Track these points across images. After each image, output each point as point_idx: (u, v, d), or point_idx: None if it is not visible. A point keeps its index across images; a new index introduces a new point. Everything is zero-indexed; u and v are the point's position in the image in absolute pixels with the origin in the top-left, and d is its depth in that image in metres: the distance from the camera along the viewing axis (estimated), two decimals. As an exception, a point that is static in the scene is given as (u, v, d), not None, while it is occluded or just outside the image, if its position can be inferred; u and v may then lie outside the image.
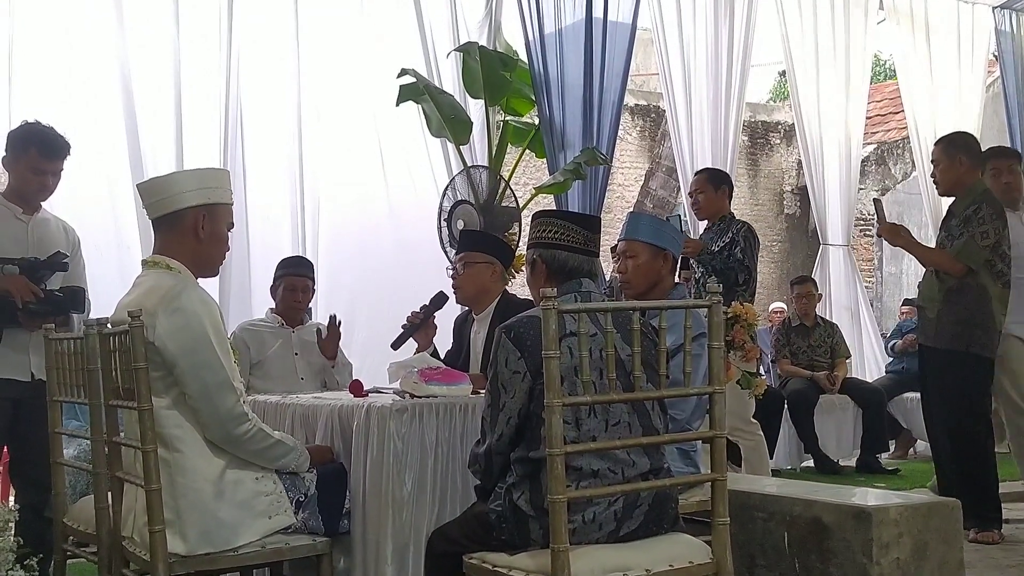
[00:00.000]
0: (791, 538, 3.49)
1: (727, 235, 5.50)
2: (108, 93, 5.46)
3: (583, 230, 2.90)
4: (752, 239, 5.49)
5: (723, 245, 5.46)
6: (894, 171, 13.46)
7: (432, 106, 5.87)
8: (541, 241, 2.90)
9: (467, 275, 4.26)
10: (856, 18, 8.10)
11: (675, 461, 3.26)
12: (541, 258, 2.89)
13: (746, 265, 5.40)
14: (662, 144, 10.43)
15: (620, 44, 6.59)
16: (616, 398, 2.51)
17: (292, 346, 4.89)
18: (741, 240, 5.44)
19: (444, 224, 5.76)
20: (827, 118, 8.02)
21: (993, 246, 4.76)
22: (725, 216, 5.61)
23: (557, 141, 6.40)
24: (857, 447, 7.55)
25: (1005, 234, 4.79)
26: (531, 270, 2.94)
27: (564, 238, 2.87)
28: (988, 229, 4.75)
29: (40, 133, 4.01)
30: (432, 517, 3.12)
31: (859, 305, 8.39)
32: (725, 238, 5.49)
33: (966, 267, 4.79)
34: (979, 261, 4.77)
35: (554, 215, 3.00)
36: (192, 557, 2.78)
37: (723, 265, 5.35)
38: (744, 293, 5.40)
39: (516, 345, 2.64)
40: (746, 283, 5.41)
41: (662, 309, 2.54)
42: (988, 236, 4.74)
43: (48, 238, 4.04)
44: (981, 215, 4.77)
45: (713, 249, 5.45)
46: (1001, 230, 4.77)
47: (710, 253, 5.41)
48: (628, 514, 2.61)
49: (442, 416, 3.18)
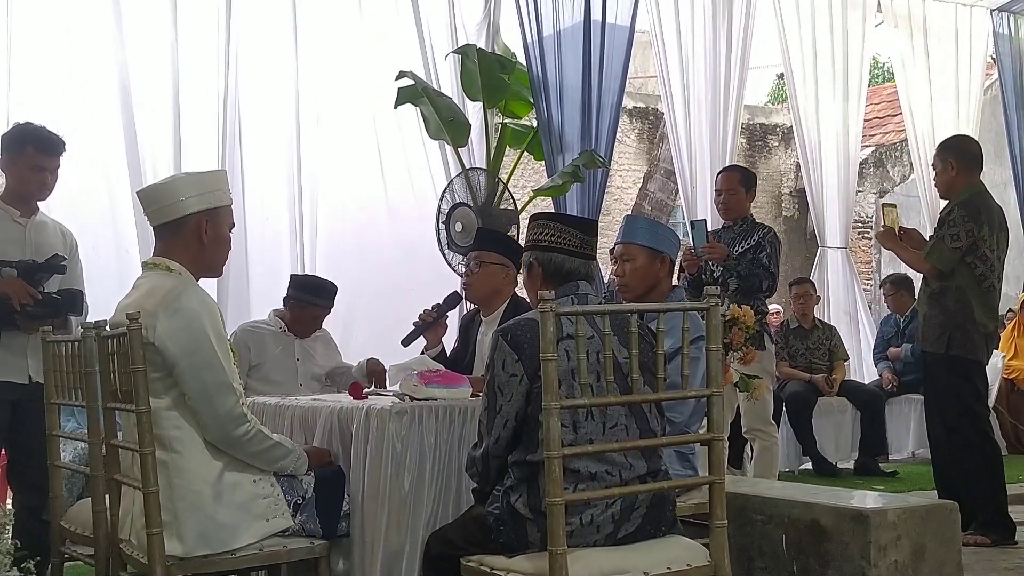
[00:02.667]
0: (789, 541, 3.49)
1: (751, 238, 5.39)
2: (106, 95, 5.45)
3: (579, 233, 2.90)
4: (777, 244, 5.42)
5: (746, 248, 5.35)
6: (892, 174, 13.47)
7: (430, 108, 5.87)
8: (537, 244, 2.91)
9: (481, 274, 4.22)
10: (854, 21, 8.09)
11: (673, 464, 3.26)
12: (537, 261, 2.90)
13: (771, 272, 5.31)
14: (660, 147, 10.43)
15: (618, 47, 6.59)
16: (614, 401, 2.51)
17: (294, 352, 4.84)
18: (767, 245, 5.34)
19: (442, 226, 5.76)
20: (825, 121, 8.02)
21: (967, 248, 4.75)
22: (747, 218, 5.52)
23: (555, 144, 6.39)
24: (855, 450, 7.56)
25: (982, 236, 4.75)
26: (527, 273, 2.95)
27: (560, 241, 2.88)
28: (959, 231, 4.75)
29: (35, 131, 4.01)
30: (430, 520, 3.12)
31: (857, 308, 8.39)
32: (749, 241, 5.38)
33: (936, 268, 4.83)
34: (948, 263, 4.78)
35: (550, 218, 3.00)
36: (190, 559, 2.78)
37: (748, 271, 5.27)
38: (763, 299, 5.36)
39: (513, 348, 2.65)
40: (770, 289, 5.35)
41: (660, 312, 2.54)
42: (959, 238, 4.75)
43: (46, 241, 4.03)
44: (952, 217, 4.80)
45: (735, 252, 5.34)
46: (976, 232, 4.74)
47: (735, 259, 5.31)
48: (626, 517, 2.61)
49: (441, 419, 3.18)
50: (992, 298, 4.85)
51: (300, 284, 4.93)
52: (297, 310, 4.84)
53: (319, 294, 4.88)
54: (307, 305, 4.84)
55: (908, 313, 7.89)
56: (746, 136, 13.28)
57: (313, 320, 4.89)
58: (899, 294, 8.11)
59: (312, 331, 4.91)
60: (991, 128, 9.54)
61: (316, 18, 6.07)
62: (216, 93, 5.70)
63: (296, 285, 4.91)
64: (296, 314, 4.85)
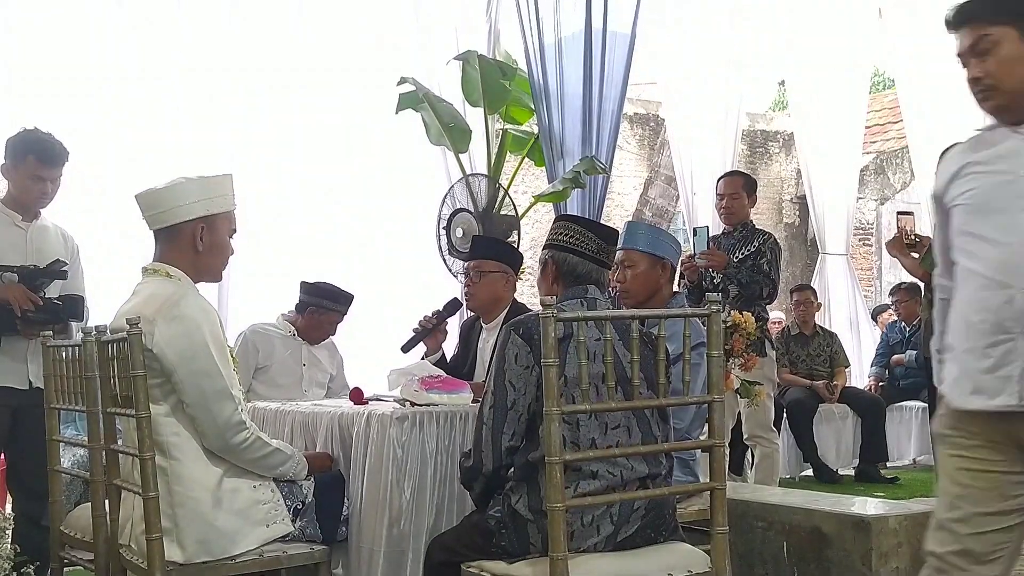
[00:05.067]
0: (790, 547, 3.48)
1: (751, 244, 5.37)
2: (108, 99, 5.46)
3: (598, 239, 2.94)
4: (778, 251, 5.38)
5: (746, 255, 5.33)
6: (893, 180, 13.48)
7: (431, 114, 5.88)
8: (556, 243, 2.96)
9: (482, 284, 4.25)
10: (855, 27, 8.11)
11: (674, 470, 3.25)
12: (552, 259, 2.94)
13: (772, 279, 5.28)
14: (661, 153, 10.45)
15: (619, 53, 6.59)
16: (615, 406, 2.51)
17: (301, 357, 4.83)
18: (767, 252, 5.31)
19: (443, 232, 5.76)
20: (826, 127, 8.03)
21: None
22: (747, 223, 5.50)
23: (556, 150, 6.39)
24: (856, 456, 7.55)
25: None
26: (542, 270, 2.99)
27: (578, 244, 2.92)
28: None
29: (38, 140, 3.97)
30: (431, 525, 3.11)
31: (858, 314, 8.39)
32: (749, 247, 5.36)
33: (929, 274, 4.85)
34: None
35: (574, 220, 3.05)
36: (190, 565, 2.77)
37: (749, 278, 5.24)
38: (764, 305, 5.34)
39: (525, 339, 2.68)
40: (770, 296, 5.33)
41: (661, 318, 2.55)
42: None
43: (47, 246, 4.02)
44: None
45: (734, 258, 5.32)
46: None
47: (735, 266, 5.29)
48: (625, 518, 2.62)
49: (442, 424, 3.17)
50: None
51: (319, 291, 4.88)
52: (315, 316, 4.82)
53: (338, 300, 4.88)
54: (327, 311, 4.83)
55: (916, 321, 7.83)
56: (747, 143, 13.28)
57: (329, 326, 4.89)
58: (909, 302, 8.04)
59: (326, 337, 4.92)
60: (992, 135, 9.53)
61: (318, 24, 6.09)
62: (218, 98, 5.71)
63: (315, 292, 4.87)
64: (313, 320, 4.83)
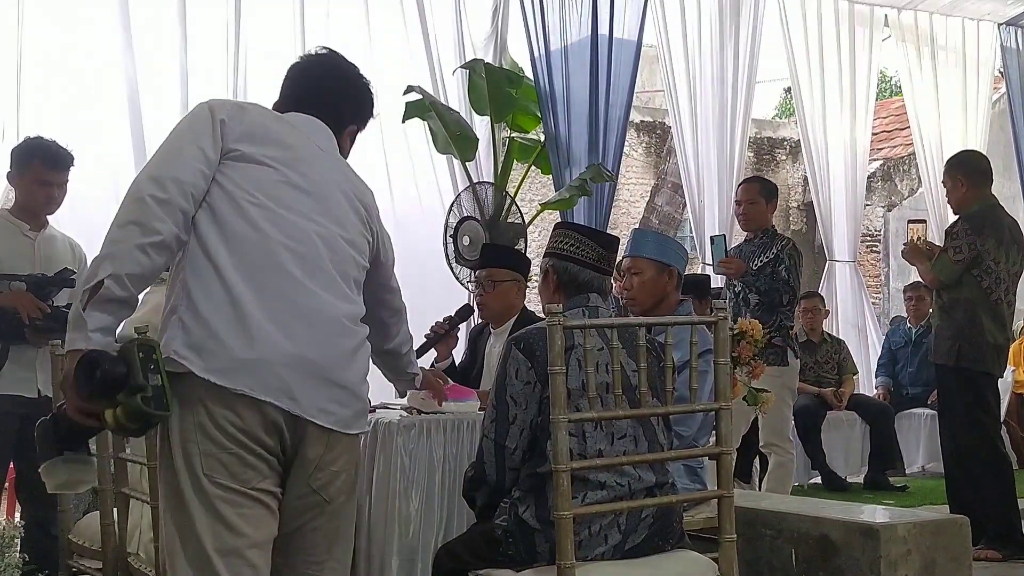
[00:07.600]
0: (799, 555, 3.47)
1: (770, 251, 5.25)
2: (115, 105, 5.47)
3: (599, 247, 2.92)
4: (797, 257, 5.24)
5: (766, 261, 5.23)
6: (900, 187, 13.46)
7: (438, 123, 5.88)
8: (556, 252, 2.93)
9: (496, 294, 4.26)
10: (861, 35, 8.11)
11: (681, 478, 3.25)
12: (553, 269, 2.92)
13: (791, 285, 5.19)
14: (668, 160, 10.45)
15: (626, 61, 6.60)
16: (622, 414, 2.51)
17: None
18: (786, 258, 5.19)
19: (450, 240, 5.76)
20: (833, 134, 8.02)
21: (970, 261, 4.80)
22: (768, 229, 5.39)
23: (563, 158, 6.40)
24: (865, 464, 7.52)
25: (987, 249, 4.79)
26: (542, 279, 2.97)
27: (578, 252, 2.90)
28: (962, 244, 4.82)
29: (43, 146, 4.04)
30: (439, 533, 3.11)
31: (866, 321, 8.37)
32: (768, 254, 5.25)
33: (939, 280, 4.90)
34: (950, 275, 4.84)
35: (573, 228, 3.03)
36: (198, 574, 2.76)
37: (768, 286, 5.15)
38: (788, 313, 5.26)
39: (526, 356, 2.66)
40: (790, 303, 5.26)
41: (668, 325, 2.54)
42: (961, 251, 4.81)
43: (55, 254, 4.05)
44: (956, 231, 4.87)
45: (754, 265, 5.23)
46: (980, 245, 4.79)
47: (753, 274, 5.21)
48: (633, 527, 2.61)
49: (449, 432, 3.18)
50: (1001, 310, 4.86)
51: None
52: None
53: None
54: None
55: (924, 323, 7.77)
56: (754, 150, 13.29)
57: None
58: (921, 301, 7.93)
59: None
60: (999, 141, 9.52)
61: (324, 32, 6.09)
62: (224, 106, 5.72)
63: None
64: None
